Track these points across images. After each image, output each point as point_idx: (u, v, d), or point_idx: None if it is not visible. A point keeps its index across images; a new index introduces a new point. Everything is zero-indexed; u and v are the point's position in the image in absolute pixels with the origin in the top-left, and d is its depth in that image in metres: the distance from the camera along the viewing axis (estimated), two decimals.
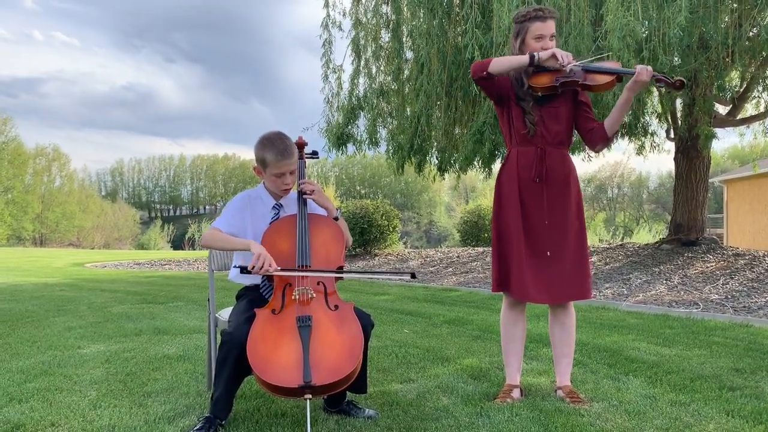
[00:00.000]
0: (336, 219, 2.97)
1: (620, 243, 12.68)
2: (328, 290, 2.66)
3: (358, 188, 69.58)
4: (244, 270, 2.60)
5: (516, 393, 3.08)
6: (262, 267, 2.57)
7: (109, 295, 8.23)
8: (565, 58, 2.82)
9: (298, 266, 2.69)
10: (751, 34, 7.40)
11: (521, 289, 3.01)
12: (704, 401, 3.01)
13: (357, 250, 14.34)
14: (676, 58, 7.51)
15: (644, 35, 6.40)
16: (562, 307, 3.13)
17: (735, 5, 6.79)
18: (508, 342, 3.19)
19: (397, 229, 14.92)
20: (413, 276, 2.75)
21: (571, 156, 3.29)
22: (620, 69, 2.95)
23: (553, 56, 2.85)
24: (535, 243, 3.02)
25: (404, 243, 25.88)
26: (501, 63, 2.93)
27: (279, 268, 2.63)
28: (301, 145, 3.05)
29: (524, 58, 2.90)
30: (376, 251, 14.40)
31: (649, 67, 2.84)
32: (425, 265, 11.85)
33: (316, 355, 2.40)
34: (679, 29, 5.65)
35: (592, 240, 25.30)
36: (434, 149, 10.39)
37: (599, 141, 3.07)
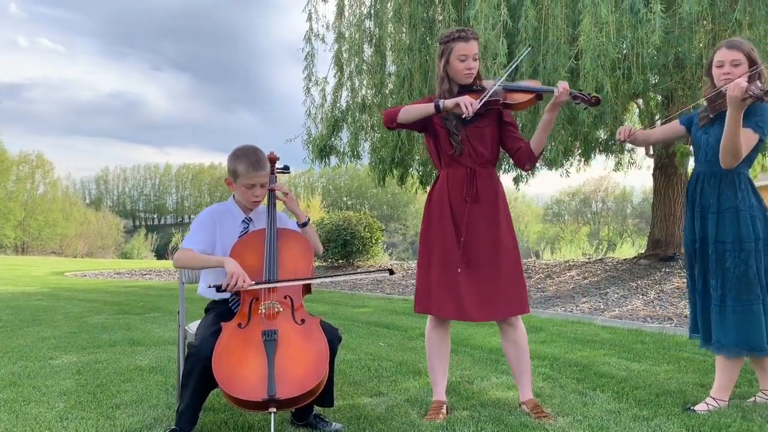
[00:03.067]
0: (305, 224, 3.01)
1: (599, 258, 12.80)
2: (295, 304, 2.69)
3: (345, 199, 69.54)
4: (219, 289, 2.62)
5: (444, 410, 3.11)
6: (236, 284, 2.59)
7: (87, 305, 8.18)
8: (469, 107, 2.85)
9: (265, 281, 2.71)
10: None
11: (457, 308, 3.04)
12: (667, 416, 3.06)
13: (339, 261, 14.34)
14: (653, 78, 7.64)
15: (620, 55, 6.53)
16: (512, 326, 3.17)
17: (710, 26, 6.93)
18: (437, 360, 3.21)
19: (379, 241, 14.94)
20: (391, 272, 2.88)
21: (548, 171, 3.37)
22: (540, 87, 3.05)
23: (457, 105, 2.89)
24: (470, 261, 3.06)
25: (390, 254, 25.86)
26: (409, 113, 3.03)
27: (253, 282, 2.66)
28: (272, 160, 3.08)
29: (431, 108, 2.97)
30: (359, 263, 14.41)
31: (567, 86, 2.93)
32: (407, 278, 11.88)
33: (280, 369, 2.43)
34: (653, 49, 5.77)
35: (575, 254, 25.43)
36: (416, 162, 10.46)
37: (526, 161, 3.16)
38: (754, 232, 3.07)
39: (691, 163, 10.35)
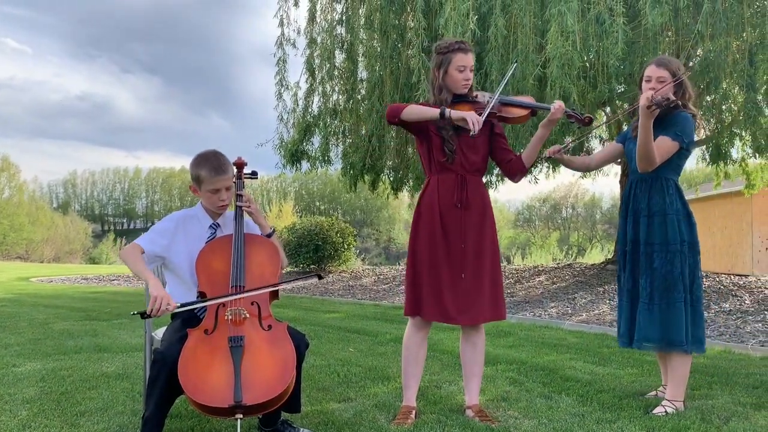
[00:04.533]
0: (269, 236, 3.01)
1: (568, 263, 12.97)
2: (262, 310, 2.69)
3: (318, 204, 69.27)
4: (144, 315, 2.58)
5: (413, 415, 3.14)
6: (160, 309, 2.55)
7: (52, 311, 8.04)
8: (476, 125, 2.89)
9: (232, 286, 2.71)
10: (691, 63, 7.75)
11: (442, 312, 3.09)
12: (629, 419, 3.12)
13: (311, 267, 14.32)
14: (620, 86, 7.80)
15: (587, 63, 6.65)
16: (475, 328, 3.23)
17: (674, 38, 7.10)
18: (413, 365, 3.24)
19: (351, 246, 14.95)
20: (319, 277, 2.95)
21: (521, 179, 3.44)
22: (536, 104, 3.19)
23: (464, 120, 2.92)
24: (456, 266, 3.11)
25: (363, 259, 25.89)
26: (413, 112, 3.05)
27: (179, 303, 2.64)
28: (240, 165, 3.07)
29: (435, 112, 3.00)
30: (330, 268, 14.40)
31: (562, 104, 3.08)
32: (378, 283, 11.90)
33: (247, 375, 2.43)
34: (615, 59, 5.92)
35: (545, 259, 25.73)
36: (387, 168, 10.51)
37: (517, 172, 3.28)
38: (680, 235, 3.30)
39: None
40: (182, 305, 2.66)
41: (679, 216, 3.31)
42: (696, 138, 3.82)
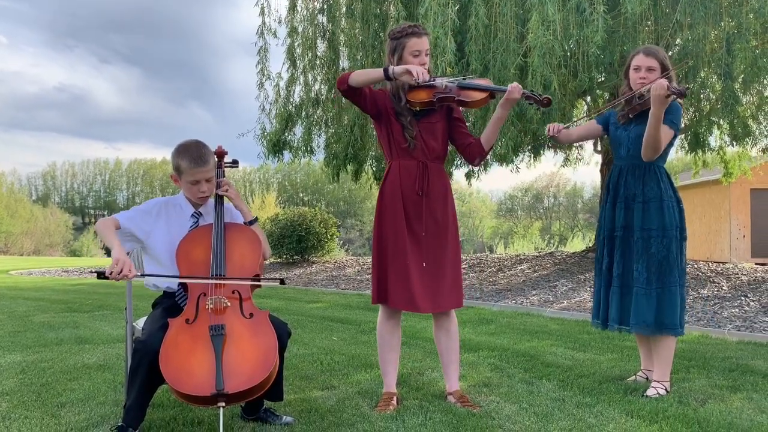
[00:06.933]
0: (251, 223, 3.00)
1: (550, 251, 13.07)
2: (244, 299, 2.69)
3: (301, 195, 69.06)
4: (101, 275, 2.56)
5: (395, 401, 3.16)
6: (121, 272, 2.51)
7: (32, 303, 7.97)
8: (420, 75, 2.87)
9: (212, 275, 2.70)
10: (670, 53, 7.82)
11: (408, 299, 3.08)
12: (608, 403, 3.17)
13: (295, 257, 14.30)
14: (600, 75, 7.84)
15: (568, 52, 6.69)
16: (446, 315, 3.24)
17: (653, 27, 7.16)
18: (387, 352, 3.25)
19: (335, 236, 14.94)
20: (282, 282, 2.85)
21: (499, 167, 3.46)
22: (493, 86, 3.14)
23: (407, 72, 2.89)
24: (418, 254, 3.11)
25: (346, 250, 25.90)
26: (360, 76, 3.00)
27: (138, 273, 2.63)
28: (220, 154, 3.06)
29: (379, 72, 2.97)
30: (314, 259, 14.39)
31: (519, 86, 3.05)
32: (362, 273, 11.92)
33: (228, 364, 2.43)
34: (596, 48, 5.96)
35: (528, 248, 25.93)
36: (370, 158, 10.49)
37: (477, 155, 3.25)
38: (675, 221, 3.38)
39: None
40: (143, 275, 2.66)
41: (672, 202, 3.38)
42: None
